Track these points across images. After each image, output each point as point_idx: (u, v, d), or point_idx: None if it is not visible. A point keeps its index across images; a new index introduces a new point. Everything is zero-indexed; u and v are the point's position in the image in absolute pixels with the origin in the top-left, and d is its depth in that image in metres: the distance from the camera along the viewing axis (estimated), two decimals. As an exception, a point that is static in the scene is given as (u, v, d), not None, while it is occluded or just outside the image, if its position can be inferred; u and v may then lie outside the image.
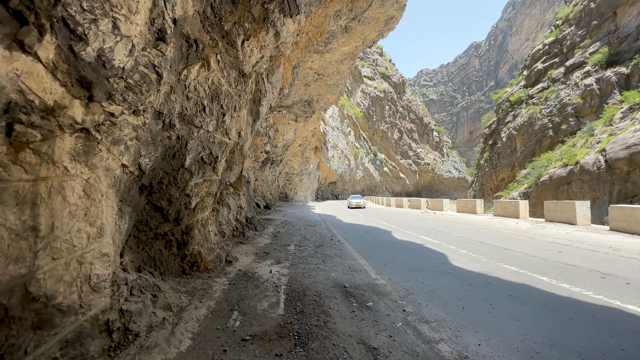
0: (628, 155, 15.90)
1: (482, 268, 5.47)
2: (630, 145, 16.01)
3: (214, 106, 4.54)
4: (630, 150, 15.89)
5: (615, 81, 23.82)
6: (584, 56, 28.30)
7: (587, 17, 30.26)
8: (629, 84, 22.97)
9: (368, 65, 72.26)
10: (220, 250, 5.99)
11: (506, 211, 14.66)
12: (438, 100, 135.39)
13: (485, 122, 50.42)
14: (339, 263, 6.06)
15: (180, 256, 4.81)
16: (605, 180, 17.50)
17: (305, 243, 8.50)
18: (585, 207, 10.81)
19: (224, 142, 5.21)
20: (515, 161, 30.44)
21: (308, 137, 34.18)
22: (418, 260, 6.24)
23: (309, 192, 42.77)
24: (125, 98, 2.61)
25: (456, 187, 79.57)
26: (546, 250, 6.84)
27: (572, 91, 27.12)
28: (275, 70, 8.76)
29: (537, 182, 22.06)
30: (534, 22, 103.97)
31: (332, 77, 14.28)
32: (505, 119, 34.75)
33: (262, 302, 3.92)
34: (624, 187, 16.27)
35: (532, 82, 34.51)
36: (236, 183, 8.19)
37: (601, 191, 17.80)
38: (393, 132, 70.80)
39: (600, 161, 17.70)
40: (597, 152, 18.28)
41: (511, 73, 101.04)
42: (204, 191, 5.18)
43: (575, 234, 8.83)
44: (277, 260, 6.36)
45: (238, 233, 8.68)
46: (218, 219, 6.85)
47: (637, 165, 15.51)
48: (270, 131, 22.88)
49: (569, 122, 25.78)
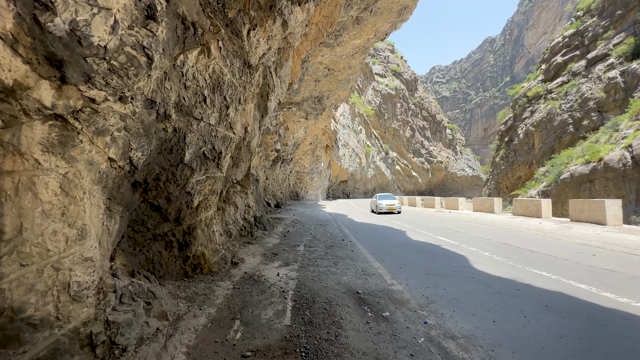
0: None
1: (509, 273, 4.97)
2: None
3: (216, 97, 4.22)
4: None
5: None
6: (607, 48, 26.93)
7: (611, 7, 28.80)
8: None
9: (379, 63, 71.24)
10: (226, 252, 5.70)
11: (527, 210, 13.90)
12: (451, 97, 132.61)
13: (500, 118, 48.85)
14: (351, 266, 5.67)
15: (181, 258, 4.53)
16: (632, 177, 16.55)
17: (315, 243, 8.14)
18: (617, 206, 10.02)
19: (228, 136, 4.89)
20: (532, 158, 29.39)
21: (319, 135, 33.83)
22: (437, 263, 5.78)
23: (319, 190, 42.45)
24: (108, 82, 2.30)
25: (470, 186, 77.66)
26: (578, 253, 6.25)
27: (594, 85, 25.88)
28: (283, 63, 8.42)
29: (557, 180, 21.15)
30: (552, 14, 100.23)
31: (343, 72, 13.85)
32: (522, 115, 33.57)
33: (267, 309, 3.58)
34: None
35: (550, 76, 33.19)
36: (243, 181, 7.90)
37: (627, 189, 16.86)
38: (405, 130, 69.61)
39: (627, 157, 16.76)
40: (623, 148, 17.30)
41: (527, 68, 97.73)
42: (207, 189, 4.89)
43: (608, 235, 8.14)
44: (286, 262, 6.03)
45: (246, 233, 8.40)
46: (224, 219, 6.57)
47: None
48: (281, 129, 22.64)
49: (591, 118, 24.64)
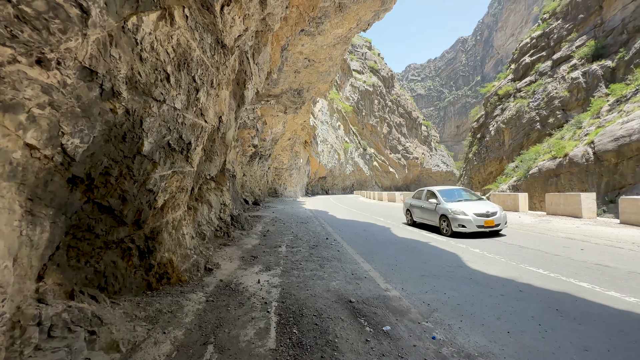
0: (616, 147, 15.84)
1: (507, 272, 4.71)
2: (618, 137, 15.94)
3: (182, 76, 3.53)
4: (618, 142, 15.81)
5: (601, 74, 23.90)
6: (570, 50, 28.34)
7: (574, 11, 30.27)
8: (614, 77, 23.03)
9: (357, 59, 71.28)
10: (198, 257, 5.02)
11: (504, 204, 14.15)
12: (426, 95, 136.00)
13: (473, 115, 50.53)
14: (339, 268, 5.19)
15: (143, 268, 3.83)
16: (594, 172, 17.44)
17: (298, 243, 7.60)
18: (591, 199, 10.33)
19: (198, 124, 4.21)
20: (503, 154, 30.56)
21: (297, 130, 33.12)
22: (429, 262, 5.44)
23: (298, 187, 41.82)
24: (15, 35, 1.62)
25: (444, 181, 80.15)
26: (566, 248, 6.18)
27: (559, 84, 27.21)
28: (261, 49, 7.73)
29: (527, 175, 22.03)
30: (519, 17, 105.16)
31: (324, 63, 13.30)
32: (493, 113, 34.78)
33: (247, 328, 3.01)
34: (612, 179, 16.21)
35: (519, 75, 34.58)
36: (219, 177, 7.18)
37: (589, 183, 17.75)
38: (382, 127, 70.36)
39: (589, 153, 17.64)
40: (586, 145, 18.20)
41: (497, 68, 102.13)
42: (175, 186, 4.19)
43: (587, 228, 8.27)
44: (267, 265, 5.44)
45: (222, 233, 7.69)
46: (196, 219, 5.86)
47: (625, 157, 15.44)
48: (258, 124, 21.74)
49: (556, 115, 25.91)
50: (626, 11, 24.34)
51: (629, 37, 23.58)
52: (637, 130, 14.74)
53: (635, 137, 14.73)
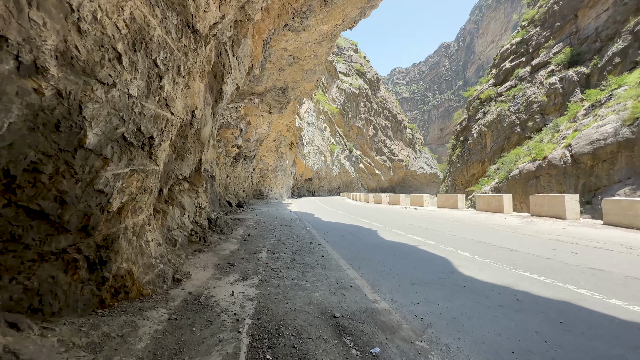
0: (592, 150, 16.31)
1: (501, 278, 4.43)
2: (594, 140, 16.42)
3: (139, 58, 3.03)
4: (594, 145, 16.28)
5: (577, 80, 24.74)
6: (548, 56, 29.28)
7: (551, 19, 31.33)
8: (589, 83, 23.87)
9: (343, 62, 71.49)
10: (166, 266, 4.47)
11: (489, 206, 14.18)
12: (410, 99, 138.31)
13: (456, 119, 51.57)
14: (322, 276, 4.77)
15: (95, 281, 3.27)
16: (571, 174, 17.91)
17: (280, 248, 7.13)
18: (575, 200, 10.39)
19: (162, 116, 3.69)
20: (485, 157, 31.20)
21: (283, 131, 32.57)
22: (419, 268, 5.10)
23: (284, 189, 41.19)
24: None
25: (428, 183, 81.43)
26: (556, 251, 6.00)
27: (537, 89, 28.05)
28: (241, 40, 7.24)
29: (508, 177, 22.47)
30: (499, 25, 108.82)
31: (309, 61, 12.91)
32: (475, 116, 35.53)
33: (211, 354, 2.53)
34: (588, 181, 16.66)
35: (500, 80, 35.51)
36: (194, 177, 6.62)
37: (567, 185, 18.21)
38: (368, 129, 70.73)
39: (567, 156, 18.12)
40: (564, 147, 18.69)
41: (478, 73, 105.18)
42: (135, 186, 3.66)
43: (573, 230, 8.23)
44: (244, 274, 4.95)
45: (198, 238, 7.11)
46: (165, 224, 5.29)
47: (600, 159, 15.89)
48: (242, 123, 21.10)
49: (535, 119, 26.68)
50: (599, 20, 25.30)
51: (602, 45, 24.50)
52: (612, 134, 15.18)
53: (610, 140, 15.16)
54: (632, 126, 14.23)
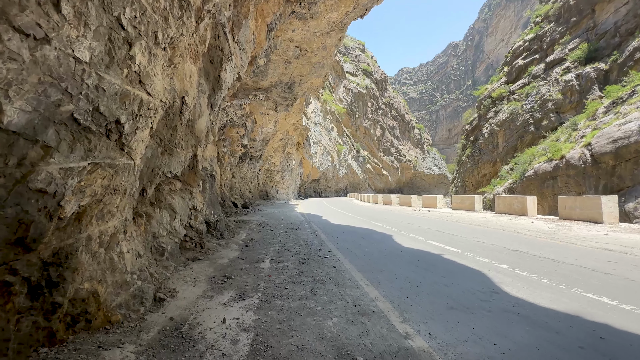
0: (614, 149, 15.35)
1: (561, 302, 3.51)
2: (617, 139, 15.46)
3: (92, 10, 2.23)
4: (616, 144, 15.32)
5: (595, 77, 23.69)
6: (563, 52, 28.20)
7: (567, 14, 30.17)
8: (607, 80, 22.76)
9: (350, 61, 70.70)
10: (145, 282, 3.68)
11: (511, 208, 13.14)
12: (418, 99, 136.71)
13: (466, 118, 50.31)
14: (336, 295, 3.92)
15: (41, 310, 2.49)
16: (591, 174, 16.95)
17: (285, 256, 6.31)
18: (613, 202, 9.33)
19: (132, 95, 2.89)
20: (497, 157, 30.24)
21: (289, 130, 31.87)
22: (452, 285, 4.21)
23: (291, 189, 40.48)
24: None
25: (437, 184, 79.93)
26: (614, 264, 5.05)
27: (552, 87, 27.05)
28: (242, 22, 6.46)
29: (523, 178, 21.55)
30: (509, 23, 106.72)
31: (317, 53, 12.09)
32: (486, 115, 34.49)
33: None
34: (610, 182, 15.65)
35: (513, 78, 34.48)
36: (187, 176, 5.84)
37: (587, 185, 17.23)
38: (375, 129, 69.69)
39: (586, 155, 17.16)
40: (583, 147, 17.71)
41: (487, 73, 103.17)
42: (100, 185, 2.87)
43: (619, 237, 7.21)
44: (241, 291, 4.13)
45: (193, 244, 6.34)
46: (149, 229, 4.51)
47: (623, 159, 14.90)
48: (247, 122, 20.44)
49: (550, 118, 25.73)
50: (618, 14, 24.11)
51: (621, 40, 23.35)
52: (636, 132, 14.16)
53: (634, 138, 14.16)
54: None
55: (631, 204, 13.69)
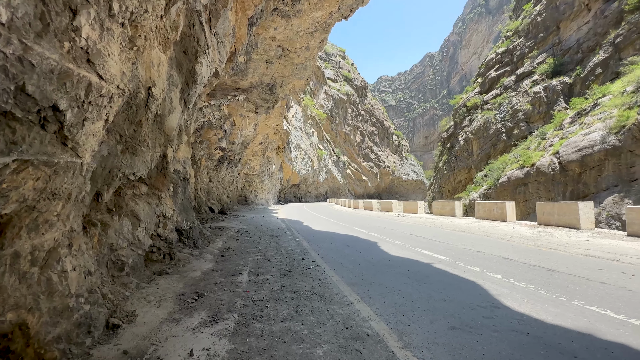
0: (580, 157, 16.14)
1: (567, 317, 3.26)
2: (582, 148, 16.27)
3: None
4: (581, 152, 16.12)
5: (560, 90, 25.02)
6: (532, 66, 29.71)
7: (534, 30, 31.88)
8: (572, 92, 24.12)
9: (331, 67, 71.21)
10: (95, 306, 3.04)
11: (491, 213, 13.30)
12: (396, 106, 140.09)
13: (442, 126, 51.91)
14: (324, 315, 3.46)
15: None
16: (560, 181, 17.73)
17: (265, 267, 5.77)
18: (589, 208, 9.57)
19: (76, 77, 2.32)
20: (472, 164, 31.15)
21: (270, 134, 31.21)
22: (449, 300, 3.88)
23: (270, 194, 39.60)
24: None
25: (414, 189, 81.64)
26: (604, 271, 4.95)
27: (522, 98, 28.33)
28: (220, 12, 5.94)
29: (496, 184, 22.19)
30: (481, 37, 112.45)
31: (300, 53, 11.71)
32: (462, 124, 35.60)
33: None
34: (576, 188, 16.40)
35: (486, 88, 35.84)
36: (155, 179, 5.18)
37: (556, 192, 17.99)
38: (355, 135, 70.30)
39: (555, 163, 17.96)
40: (552, 155, 18.54)
41: (461, 83, 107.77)
42: (32, 187, 2.26)
43: (600, 242, 7.29)
44: (214, 312, 3.57)
45: (161, 256, 5.65)
46: (106, 241, 3.84)
47: (588, 167, 15.69)
48: (226, 124, 19.64)
49: (521, 127, 26.90)
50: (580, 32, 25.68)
51: (583, 56, 24.85)
52: (599, 141, 14.93)
53: (597, 148, 14.92)
54: (619, 134, 14.00)
55: (596, 210, 14.33)
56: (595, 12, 23.69)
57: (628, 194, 13.02)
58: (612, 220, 12.79)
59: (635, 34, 18.81)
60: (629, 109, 13.73)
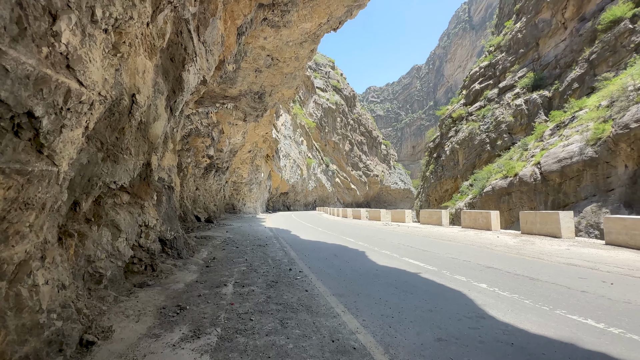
0: (560, 168, 16.65)
1: (550, 326, 3.30)
2: (561, 159, 16.82)
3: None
4: (561, 163, 16.66)
5: (540, 103, 26.01)
6: (514, 79, 30.83)
7: (515, 45, 33.24)
8: (551, 106, 25.13)
9: (320, 77, 72.07)
10: (68, 322, 2.88)
11: (476, 222, 13.54)
12: (384, 116, 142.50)
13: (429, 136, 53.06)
14: (310, 327, 3.39)
15: None
16: (541, 191, 18.20)
17: (251, 278, 5.64)
18: (569, 218, 9.88)
19: (53, 82, 2.24)
20: (457, 173, 31.75)
21: (259, 142, 31.07)
22: (436, 310, 3.87)
23: (258, 203, 39.19)
24: None
25: (402, 198, 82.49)
26: (584, 280, 5.08)
27: (505, 110, 29.24)
28: (209, 20, 5.94)
29: (481, 193, 22.62)
30: (465, 51, 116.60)
31: (289, 63, 11.81)
32: (448, 134, 36.40)
33: None
34: (557, 198, 16.90)
35: (470, 100, 36.86)
36: (138, 187, 5.04)
37: (538, 201, 18.45)
38: (344, 144, 70.89)
39: (537, 173, 18.48)
40: (533, 165, 19.10)
41: (447, 95, 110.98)
42: (1, 196, 2.15)
43: (581, 252, 7.50)
44: (197, 326, 3.44)
45: (142, 267, 5.46)
46: (83, 252, 3.67)
47: (567, 177, 16.21)
48: (214, 132, 19.48)
49: (504, 138, 27.66)
50: (558, 49, 26.95)
51: (561, 72, 26.02)
52: (577, 153, 15.51)
53: (576, 159, 15.47)
54: (595, 146, 14.59)
55: (576, 219, 14.81)
56: (571, 31, 24.92)
57: (605, 204, 13.51)
58: (591, 229, 13.22)
59: (608, 52, 19.85)
60: (604, 122, 14.37)
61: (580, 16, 24.60)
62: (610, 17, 19.00)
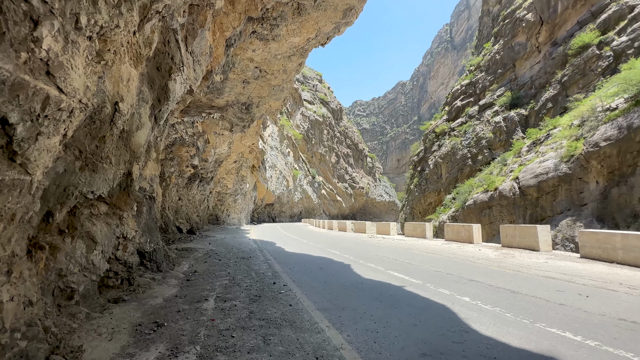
0: (537, 183, 17.33)
1: (530, 340, 3.36)
2: (538, 174, 17.54)
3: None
4: (538, 178, 17.36)
5: (518, 120, 27.28)
6: (493, 98, 32.27)
7: (494, 66, 34.99)
8: (528, 123, 26.41)
9: (308, 90, 73.03)
10: (33, 342, 2.69)
11: (459, 235, 13.80)
12: (370, 130, 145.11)
13: (414, 150, 54.30)
14: (293, 344, 3.30)
15: None
16: (520, 204, 18.83)
17: (233, 292, 5.48)
18: (547, 232, 10.23)
19: (31, 88, 2.17)
20: (441, 187, 32.48)
21: (245, 153, 30.84)
22: (420, 324, 3.87)
23: (243, 214, 38.54)
24: None
25: (387, 211, 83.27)
26: (562, 293, 5.23)
27: (485, 127, 30.43)
28: (197, 32, 5.95)
29: (464, 206, 23.14)
30: (447, 69, 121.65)
31: (277, 76, 11.92)
32: (431, 148, 37.38)
33: None
34: (535, 211, 17.53)
35: (453, 116, 38.17)
36: (117, 198, 4.86)
37: (517, 215, 19.05)
38: (331, 156, 71.45)
39: (515, 188, 19.14)
40: (512, 180, 19.79)
41: (430, 110, 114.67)
42: (-33, 208, 2.01)
43: (557, 265, 7.75)
44: (174, 344, 3.28)
45: (119, 281, 5.20)
46: (55, 266, 3.47)
47: (544, 192, 16.89)
48: (199, 141, 19.20)
49: (484, 153, 28.67)
50: (533, 70, 28.56)
51: (536, 92, 27.49)
52: (552, 169, 16.26)
53: (551, 174, 16.19)
54: (569, 163, 15.37)
55: (552, 232, 15.35)
56: (545, 54, 26.49)
57: (579, 218, 14.11)
58: (567, 242, 13.72)
59: (578, 75, 21.19)
60: (576, 140, 15.19)
61: (553, 41, 26.22)
62: (580, 43, 20.37)
